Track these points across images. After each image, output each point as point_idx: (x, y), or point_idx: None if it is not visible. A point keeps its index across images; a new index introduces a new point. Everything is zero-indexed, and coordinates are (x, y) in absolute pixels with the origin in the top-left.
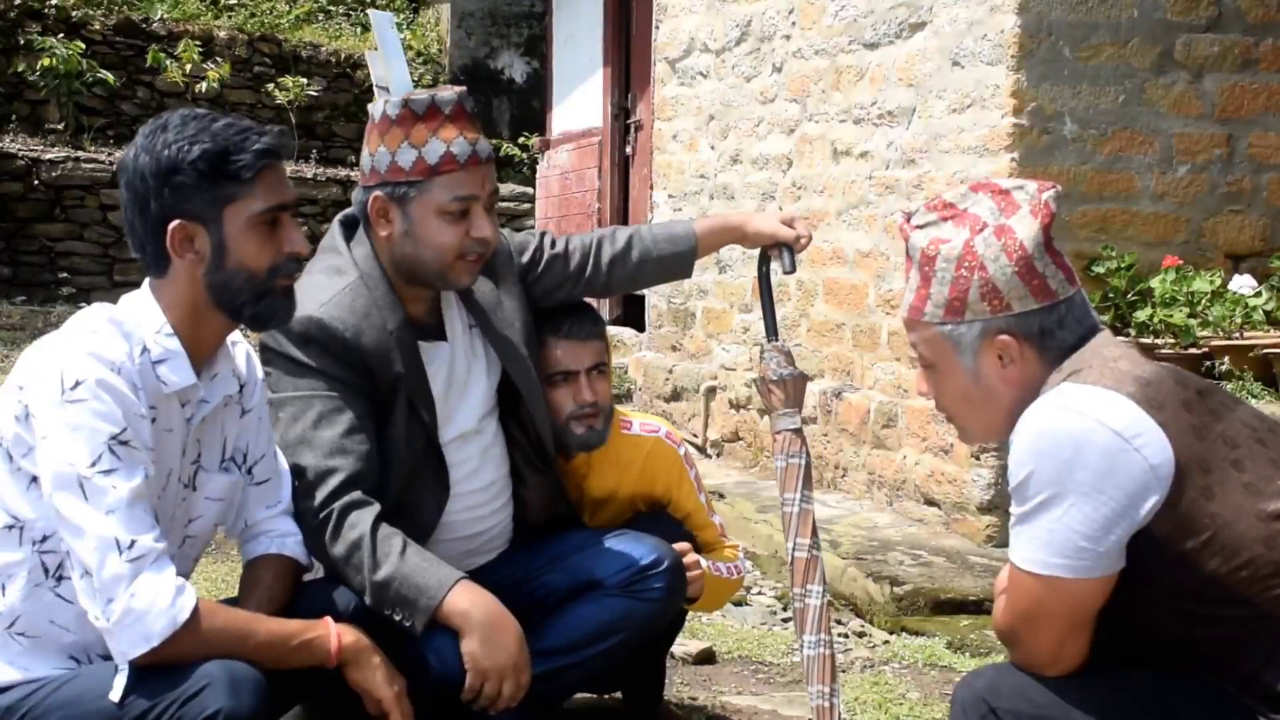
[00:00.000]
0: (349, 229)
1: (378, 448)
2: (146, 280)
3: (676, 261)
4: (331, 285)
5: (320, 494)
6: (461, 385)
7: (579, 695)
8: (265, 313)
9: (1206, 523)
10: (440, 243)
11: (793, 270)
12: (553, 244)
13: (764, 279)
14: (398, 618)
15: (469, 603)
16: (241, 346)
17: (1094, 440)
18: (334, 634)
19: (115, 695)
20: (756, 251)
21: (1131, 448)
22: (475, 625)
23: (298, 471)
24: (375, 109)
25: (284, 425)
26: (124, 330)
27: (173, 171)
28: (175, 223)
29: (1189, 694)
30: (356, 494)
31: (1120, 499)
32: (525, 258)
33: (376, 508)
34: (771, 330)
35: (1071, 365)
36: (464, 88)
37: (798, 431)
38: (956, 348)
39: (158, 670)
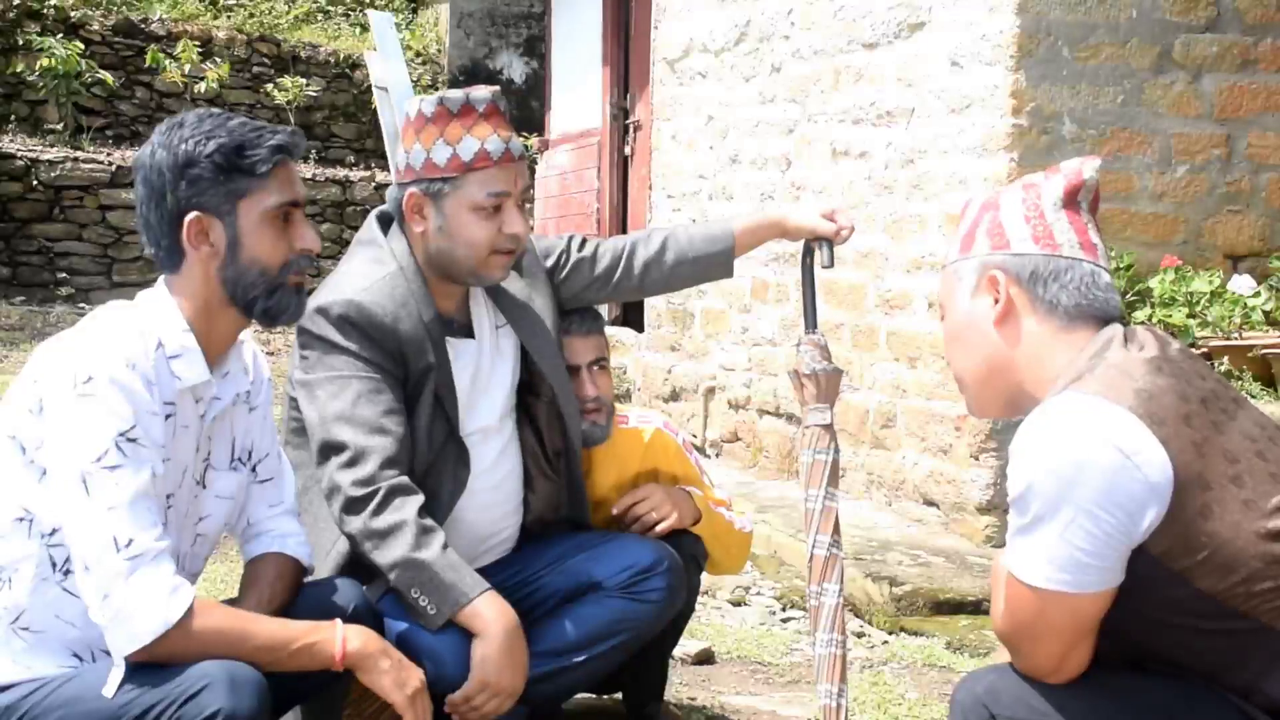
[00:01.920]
0: (385, 225)
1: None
2: (161, 278)
3: (714, 261)
4: (372, 273)
5: (363, 469)
6: (485, 383)
7: (579, 695)
8: (276, 308)
9: (1204, 540)
10: (474, 238)
11: (830, 265)
12: (580, 246)
13: (806, 271)
14: (423, 603)
15: (499, 613)
16: (249, 344)
17: (1096, 455)
18: (339, 638)
19: (108, 691)
20: (757, 251)
21: (1133, 464)
22: (498, 635)
23: (336, 446)
24: (411, 107)
25: (322, 402)
26: (140, 326)
27: (189, 165)
28: (192, 215)
29: (1190, 703)
30: (404, 479)
31: (1120, 516)
32: (550, 261)
33: (422, 498)
34: (811, 322)
35: (1074, 372)
36: (497, 87)
37: (827, 427)
38: (958, 283)
39: (158, 669)
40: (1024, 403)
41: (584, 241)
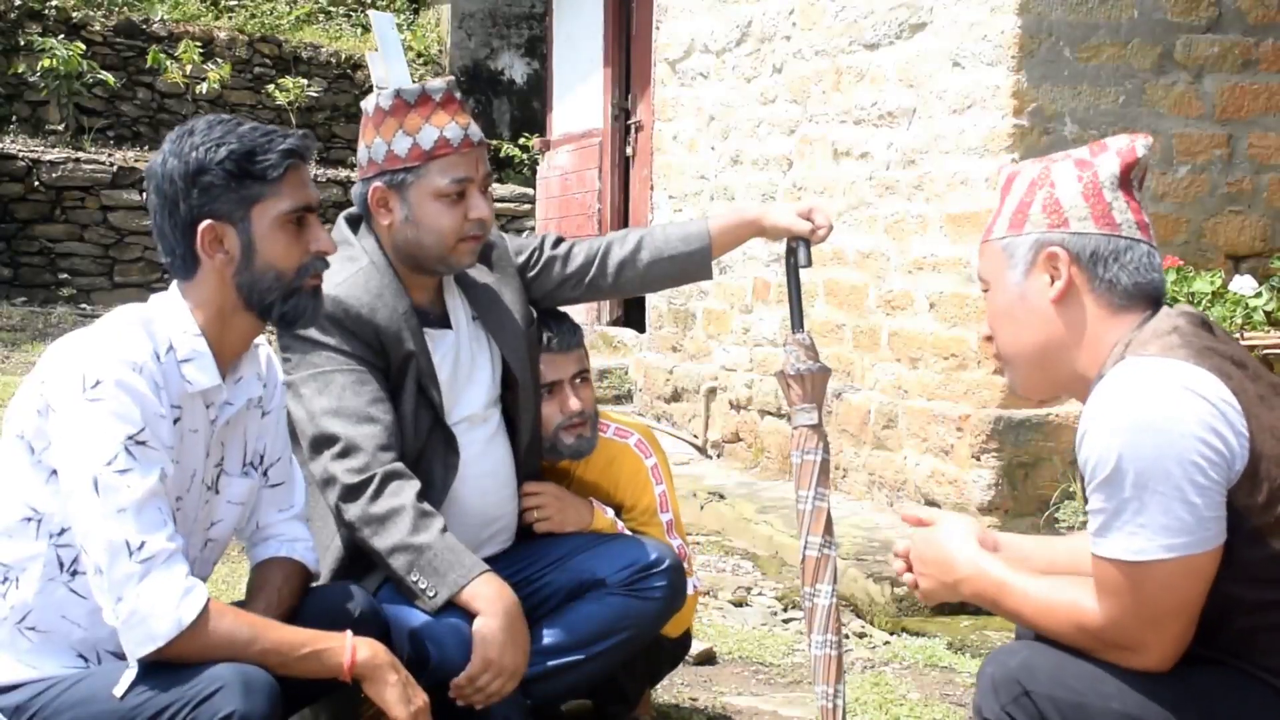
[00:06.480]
0: (354, 225)
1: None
2: (174, 283)
3: (690, 261)
4: (344, 269)
5: (357, 458)
6: (467, 372)
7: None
8: (293, 311)
9: (1277, 495)
10: (440, 226)
11: (807, 264)
12: (555, 245)
13: (790, 270)
14: (422, 585)
15: (498, 592)
16: (263, 349)
17: (1184, 405)
18: (349, 648)
19: (118, 691)
20: (758, 251)
21: (1218, 411)
22: (499, 614)
23: (327, 439)
24: (369, 103)
25: (308, 398)
26: (150, 329)
27: (200, 172)
28: (205, 223)
29: (1228, 686)
30: (399, 464)
31: (1219, 460)
32: (521, 259)
33: (419, 483)
34: (796, 322)
35: (1129, 341)
36: (452, 77)
37: (815, 427)
38: (1010, 260)
39: (170, 671)
40: (1074, 385)
41: (559, 240)
